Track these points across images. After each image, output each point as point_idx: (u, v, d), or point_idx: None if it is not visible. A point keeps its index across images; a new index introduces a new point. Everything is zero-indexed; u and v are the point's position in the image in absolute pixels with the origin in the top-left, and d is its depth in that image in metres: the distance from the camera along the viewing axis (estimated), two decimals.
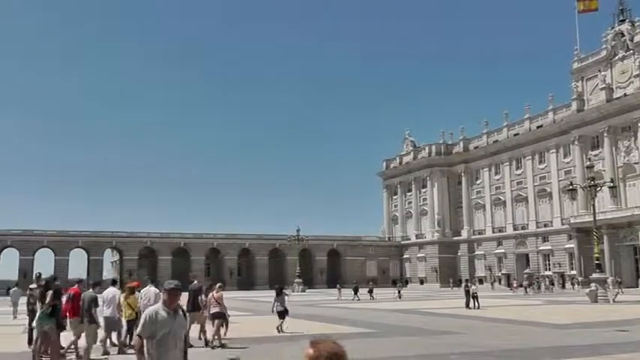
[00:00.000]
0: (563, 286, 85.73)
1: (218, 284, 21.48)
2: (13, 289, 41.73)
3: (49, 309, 15.64)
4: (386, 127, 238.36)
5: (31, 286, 19.19)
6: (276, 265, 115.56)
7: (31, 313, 17.40)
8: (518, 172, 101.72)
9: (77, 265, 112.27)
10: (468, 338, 20.88)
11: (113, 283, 19.88)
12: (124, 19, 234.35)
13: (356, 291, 58.72)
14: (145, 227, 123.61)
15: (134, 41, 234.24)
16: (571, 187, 57.74)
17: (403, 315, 33.50)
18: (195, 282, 21.03)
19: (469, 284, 41.65)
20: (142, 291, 19.22)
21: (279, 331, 23.15)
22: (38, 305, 16.32)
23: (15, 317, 34.82)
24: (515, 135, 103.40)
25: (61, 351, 16.39)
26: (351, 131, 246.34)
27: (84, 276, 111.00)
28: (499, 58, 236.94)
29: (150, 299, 18.11)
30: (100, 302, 17.09)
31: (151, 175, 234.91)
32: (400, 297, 58.40)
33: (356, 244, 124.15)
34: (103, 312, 17.58)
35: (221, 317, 19.96)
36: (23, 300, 27.57)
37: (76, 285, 17.93)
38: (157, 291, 17.85)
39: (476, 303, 38.84)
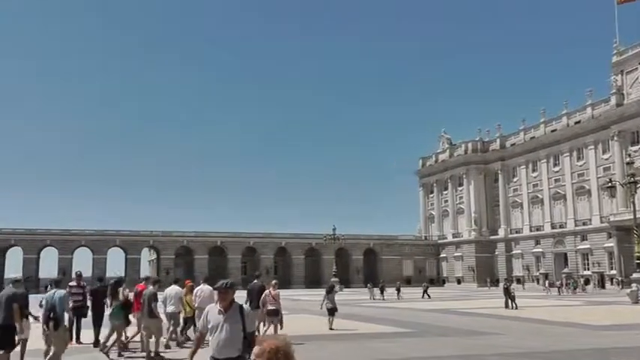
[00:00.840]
0: (603, 287, 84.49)
1: (273, 282, 21.88)
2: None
3: (120, 305, 17.18)
4: (422, 125, 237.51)
5: (71, 283, 19.55)
6: (313, 264, 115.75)
7: (73, 309, 17.68)
8: (556, 169, 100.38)
9: (115, 263, 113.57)
10: (506, 339, 20.67)
11: (176, 281, 20.52)
12: (141, 17, 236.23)
13: (382, 291, 58.48)
14: (181, 226, 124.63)
15: (155, 42, 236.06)
16: (610, 184, 56.74)
17: (440, 315, 33.28)
18: (256, 281, 21.68)
19: (508, 284, 41.13)
20: (196, 289, 19.90)
21: (330, 328, 23.91)
22: (108, 301, 17.78)
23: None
24: (552, 131, 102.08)
25: (125, 341, 17.39)
26: (388, 130, 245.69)
27: (122, 274, 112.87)
28: (536, 54, 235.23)
29: (204, 297, 18.94)
30: (161, 298, 18.11)
31: (189, 175, 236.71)
32: (428, 296, 57.65)
33: (392, 243, 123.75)
34: (165, 308, 18.73)
35: (276, 314, 20.33)
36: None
37: (143, 282, 18.99)
38: (211, 289, 18.68)
39: (513, 303, 38.47)
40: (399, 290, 60.09)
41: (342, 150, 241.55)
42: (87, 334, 19.29)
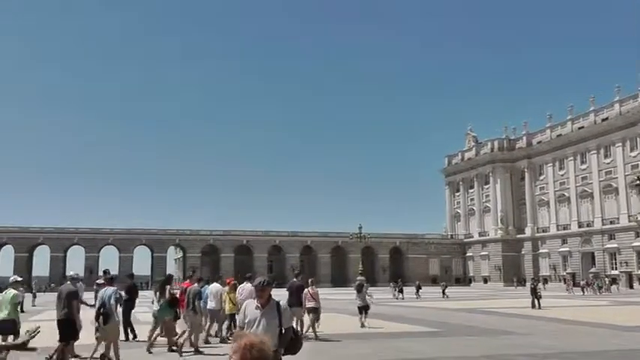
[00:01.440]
0: (631, 286, 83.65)
1: (310, 279, 22.98)
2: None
3: (167, 301, 17.85)
4: (448, 123, 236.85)
5: (98, 281, 20.38)
6: (339, 262, 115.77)
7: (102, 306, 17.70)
8: (583, 166, 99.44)
9: (141, 261, 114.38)
10: (533, 339, 20.53)
11: (218, 279, 21.50)
12: (198, 17, 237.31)
13: (401, 290, 58.24)
14: (207, 225, 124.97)
15: (206, 42, 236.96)
16: (638, 182, 56.22)
17: (466, 314, 33.18)
18: (295, 280, 22.39)
19: (535, 283, 40.79)
20: (239, 287, 20.86)
21: (362, 326, 24.42)
22: (156, 297, 18.20)
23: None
24: (579, 128, 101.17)
25: (175, 338, 17.86)
26: (414, 128, 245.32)
27: (148, 272, 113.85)
28: (562, 51, 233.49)
29: (246, 294, 19.38)
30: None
31: (215, 174, 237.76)
32: (446, 296, 57.26)
33: (418, 241, 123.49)
34: (207, 305, 19.47)
35: (316, 312, 21.22)
36: (87, 295, 29.48)
37: (188, 280, 20.02)
38: (220, 287, 20.49)
39: (538, 303, 38.15)
40: (418, 289, 59.66)
41: (368, 148, 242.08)
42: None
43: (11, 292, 15.54)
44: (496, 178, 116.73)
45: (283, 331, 7.81)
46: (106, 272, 21.24)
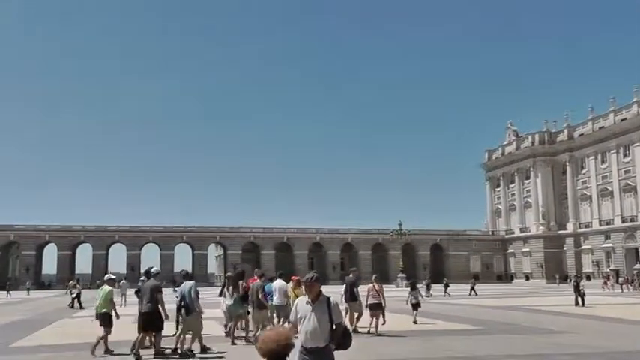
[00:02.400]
0: None
1: (374, 276, 23.37)
2: (122, 281, 46.53)
3: (241, 295, 18.81)
4: (488, 117, 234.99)
5: (142, 278, 20.48)
6: (380, 259, 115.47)
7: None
8: (626, 160, 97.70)
9: (182, 259, 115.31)
10: (577, 338, 20.19)
11: (281, 275, 21.51)
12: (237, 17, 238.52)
13: (429, 287, 57.54)
14: (248, 222, 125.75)
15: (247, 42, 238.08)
16: None
17: (509, 312, 32.83)
18: (352, 275, 22.98)
19: (578, 280, 40.16)
20: (275, 283, 20.93)
21: (414, 322, 24.83)
22: (228, 292, 19.08)
23: (123, 305, 38.39)
24: (622, 120, 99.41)
25: (252, 333, 18.93)
26: (453, 122, 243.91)
27: (189, 269, 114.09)
28: (603, 40, 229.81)
29: (279, 289, 20.20)
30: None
31: (255, 171, 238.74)
32: (474, 293, 56.53)
33: (459, 238, 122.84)
34: (272, 300, 19.89)
35: (378, 308, 21.45)
36: (130, 292, 31.05)
37: (255, 276, 20.38)
38: (285, 284, 20.44)
39: (582, 300, 37.52)
40: (446, 287, 58.98)
41: (408, 144, 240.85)
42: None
43: (106, 288, 17.40)
44: (537, 173, 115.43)
45: (334, 326, 7.84)
46: (150, 269, 20.75)
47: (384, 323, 21.74)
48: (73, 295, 42.38)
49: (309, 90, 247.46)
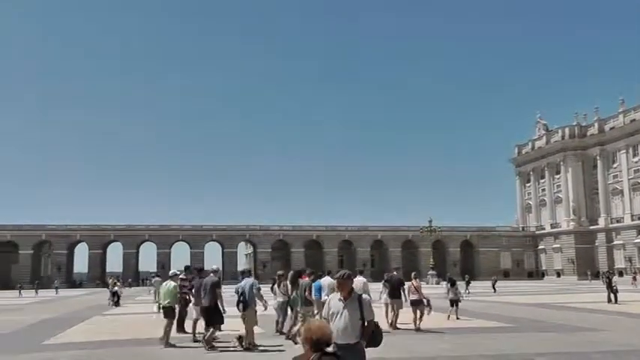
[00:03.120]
0: None
1: (413, 273, 23.86)
2: (155, 279, 47.26)
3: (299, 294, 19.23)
4: (517, 111, 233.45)
5: (181, 276, 21.26)
6: (410, 256, 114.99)
7: (183, 300, 20.71)
8: None
9: (212, 257, 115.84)
10: (609, 335, 19.92)
11: (329, 273, 22.14)
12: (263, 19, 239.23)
13: (468, 284, 56.94)
14: (277, 221, 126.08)
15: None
16: None
17: (539, 309, 32.49)
18: (395, 273, 23.69)
19: (611, 276, 39.56)
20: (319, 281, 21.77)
21: (454, 318, 25.55)
22: (279, 290, 19.88)
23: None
24: None
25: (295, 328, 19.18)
26: (482, 117, 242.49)
27: (220, 267, 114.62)
28: (631, 31, 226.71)
29: (359, 288, 20.08)
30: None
31: (284, 169, 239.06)
32: (495, 290, 55.97)
33: (489, 234, 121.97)
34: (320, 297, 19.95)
35: (419, 304, 22.02)
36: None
37: (306, 274, 20.68)
38: (365, 280, 21.68)
39: (614, 297, 36.93)
40: (467, 284, 58.01)
41: (436, 141, 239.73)
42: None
43: (171, 283, 19.28)
44: (567, 167, 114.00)
45: (365, 323, 7.95)
46: (187, 268, 23.42)
47: (429, 313, 22.74)
48: (114, 292, 42.52)
49: (344, 89, 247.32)
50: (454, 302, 26.59)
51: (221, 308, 17.49)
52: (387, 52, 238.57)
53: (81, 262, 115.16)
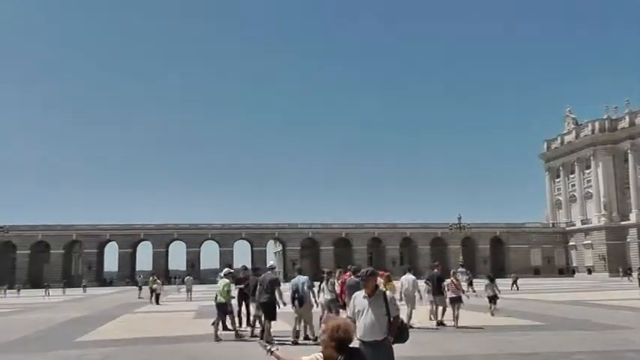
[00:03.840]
0: None
1: (452, 271, 24.72)
2: (187, 278, 49.68)
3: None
4: (546, 106, 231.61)
5: (222, 274, 21.99)
6: (439, 253, 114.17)
7: (243, 295, 22.36)
8: None
9: (241, 255, 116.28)
10: None
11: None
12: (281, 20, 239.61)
13: (515, 282, 56.46)
14: (306, 219, 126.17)
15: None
16: None
17: (570, 307, 32.11)
18: (436, 270, 23.87)
19: None
20: (401, 278, 23.14)
21: (492, 315, 26.00)
22: (327, 286, 19.96)
23: (189, 301, 42.21)
24: None
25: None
26: (510, 113, 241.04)
27: (249, 265, 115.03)
28: None
29: (409, 286, 22.42)
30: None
31: (313, 168, 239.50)
32: (516, 288, 55.24)
33: (519, 231, 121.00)
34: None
35: (458, 301, 22.63)
36: (196, 288, 32.52)
37: (347, 272, 21.37)
38: (414, 278, 22.68)
39: None
40: (470, 283, 57.12)
41: (465, 137, 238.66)
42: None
43: (225, 281, 20.15)
44: (597, 162, 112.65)
45: (391, 319, 7.99)
46: (244, 267, 24.89)
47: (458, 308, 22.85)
48: (157, 291, 42.35)
49: (380, 91, 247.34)
50: (492, 299, 27.04)
51: (281, 303, 18.38)
52: (421, 54, 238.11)
53: (111, 261, 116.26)
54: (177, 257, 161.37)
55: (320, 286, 20.97)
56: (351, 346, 5.28)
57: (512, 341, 17.97)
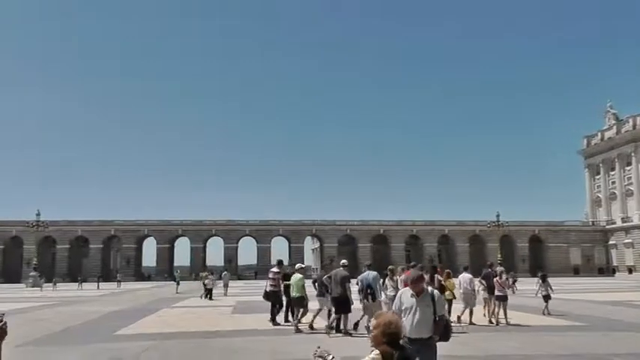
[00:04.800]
0: None
1: (500, 270, 24.55)
2: (224, 273, 49.82)
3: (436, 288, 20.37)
4: (586, 101, 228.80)
5: (274, 269, 23.15)
6: (477, 251, 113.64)
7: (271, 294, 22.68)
8: None
9: (279, 252, 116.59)
10: None
11: (434, 268, 23.44)
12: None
13: (514, 282, 55.59)
14: (343, 215, 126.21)
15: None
16: None
17: (612, 307, 31.67)
18: (490, 270, 24.18)
19: None
20: (459, 277, 23.41)
21: (544, 314, 26.17)
22: (390, 284, 20.09)
23: (226, 296, 43.02)
24: None
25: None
26: (550, 109, 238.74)
27: (286, 262, 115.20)
28: None
29: (466, 284, 22.82)
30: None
31: (351, 165, 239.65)
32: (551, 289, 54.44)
33: (558, 229, 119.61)
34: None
35: (504, 299, 22.72)
36: (232, 283, 32.75)
37: (409, 269, 21.20)
38: (471, 276, 23.03)
39: None
40: (514, 281, 56.26)
41: (503, 134, 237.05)
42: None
43: (298, 276, 21.07)
44: (639, 158, 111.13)
45: (437, 318, 8.16)
46: (279, 262, 24.56)
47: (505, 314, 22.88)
48: (208, 286, 41.61)
49: (421, 93, 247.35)
50: (546, 298, 27.24)
51: (350, 299, 19.05)
52: (458, 50, 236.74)
53: (149, 256, 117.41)
54: (215, 253, 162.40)
55: (383, 282, 21.19)
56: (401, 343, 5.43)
57: (552, 341, 17.79)
